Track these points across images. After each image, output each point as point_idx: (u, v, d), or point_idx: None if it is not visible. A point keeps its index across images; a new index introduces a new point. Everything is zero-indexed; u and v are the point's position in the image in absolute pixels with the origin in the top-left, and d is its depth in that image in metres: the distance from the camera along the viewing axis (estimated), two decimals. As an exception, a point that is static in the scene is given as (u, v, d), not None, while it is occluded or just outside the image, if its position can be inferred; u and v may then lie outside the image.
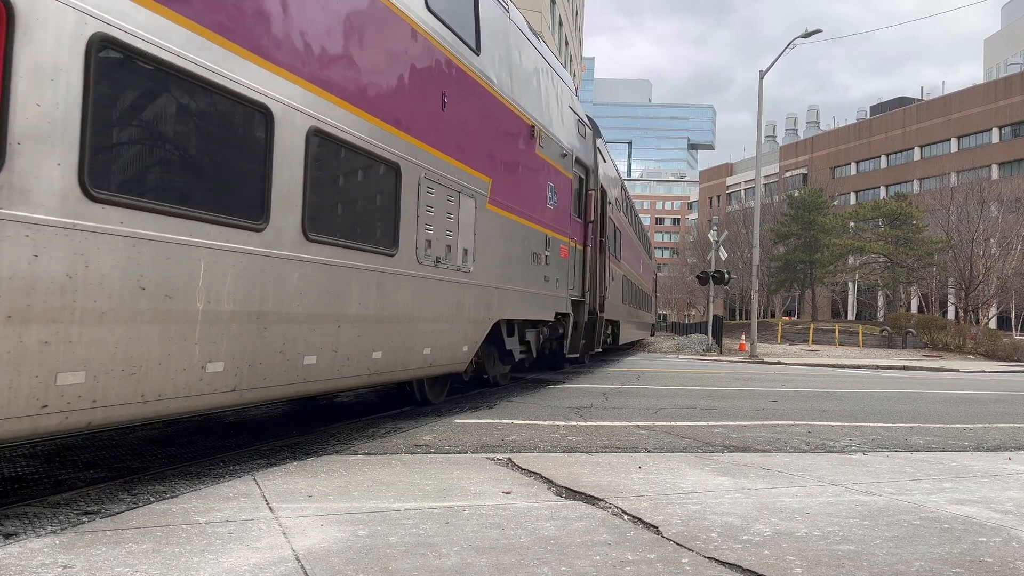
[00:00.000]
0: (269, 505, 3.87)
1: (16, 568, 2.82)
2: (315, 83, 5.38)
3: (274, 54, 4.97)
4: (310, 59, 5.34)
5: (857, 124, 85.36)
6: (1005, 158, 65.99)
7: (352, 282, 5.92)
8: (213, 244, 4.45)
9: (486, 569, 2.96)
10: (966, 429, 8.44)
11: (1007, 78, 71.85)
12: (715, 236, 40.55)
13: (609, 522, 3.74)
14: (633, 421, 8.02)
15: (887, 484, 4.92)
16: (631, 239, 24.47)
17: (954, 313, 54.88)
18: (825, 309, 69.65)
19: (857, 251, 58.89)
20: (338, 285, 5.72)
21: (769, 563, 3.12)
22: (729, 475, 5.06)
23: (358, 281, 6.01)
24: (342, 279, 5.77)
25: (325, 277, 5.54)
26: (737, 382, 15.09)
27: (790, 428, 7.92)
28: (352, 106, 5.85)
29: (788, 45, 29.17)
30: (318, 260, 5.45)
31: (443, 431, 6.77)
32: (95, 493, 4.10)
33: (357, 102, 5.92)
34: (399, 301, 6.71)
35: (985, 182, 57.47)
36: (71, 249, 3.60)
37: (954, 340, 38.63)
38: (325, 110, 5.49)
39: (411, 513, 3.79)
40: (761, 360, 27.31)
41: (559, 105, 11.68)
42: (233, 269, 4.61)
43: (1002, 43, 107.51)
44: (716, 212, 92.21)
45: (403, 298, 6.77)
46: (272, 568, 2.90)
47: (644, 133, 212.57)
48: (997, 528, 3.81)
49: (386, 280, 6.47)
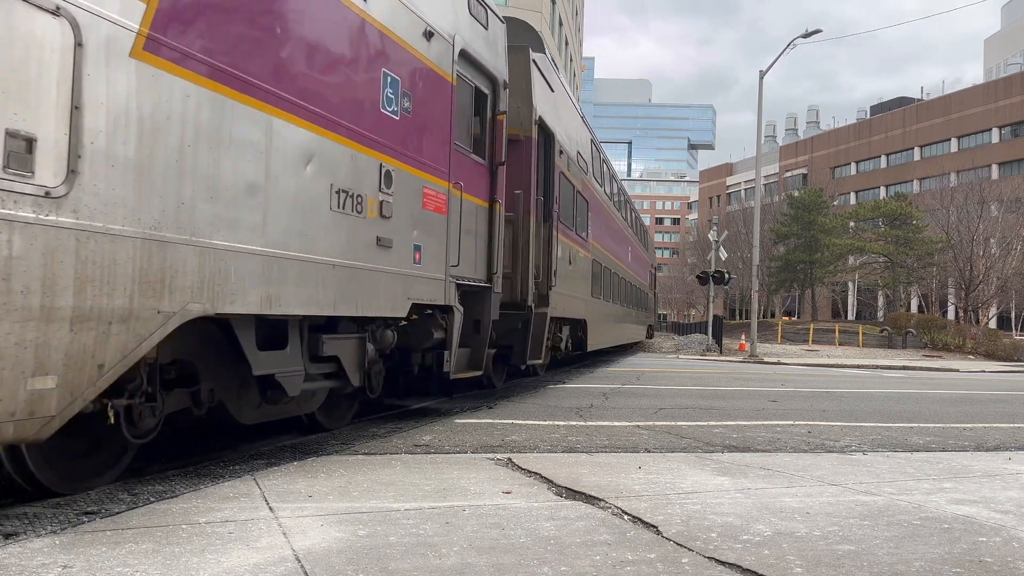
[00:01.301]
0: (269, 505, 3.87)
1: (16, 568, 2.82)
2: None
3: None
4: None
5: (857, 124, 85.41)
6: (1005, 158, 66.01)
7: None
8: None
9: (486, 569, 2.96)
10: (966, 429, 8.44)
11: (1007, 78, 71.91)
12: (715, 236, 40.58)
13: (609, 522, 3.74)
14: (633, 421, 8.02)
15: (887, 484, 4.92)
16: (611, 218, 19.37)
17: (954, 313, 54.90)
18: (825, 309, 69.65)
19: (857, 251, 58.94)
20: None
21: (769, 563, 3.12)
22: (729, 475, 5.06)
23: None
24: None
25: None
26: (737, 382, 15.09)
27: (790, 428, 7.92)
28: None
29: (788, 45, 29.20)
30: None
31: (443, 431, 6.77)
32: (95, 493, 4.10)
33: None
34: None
35: (985, 182, 57.49)
36: None
37: (954, 340, 38.64)
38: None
39: (411, 513, 3.79)
40: (761, 360, 27.31)
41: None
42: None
43: (1002, 43, 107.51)
44: (716, 212, 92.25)
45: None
46: (272, 568, 2.90)
47: (644, 133, 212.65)
48: (997, 528, 3.80)
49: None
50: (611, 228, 19.23)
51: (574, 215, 13.25)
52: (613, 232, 19.67)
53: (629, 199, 25.99)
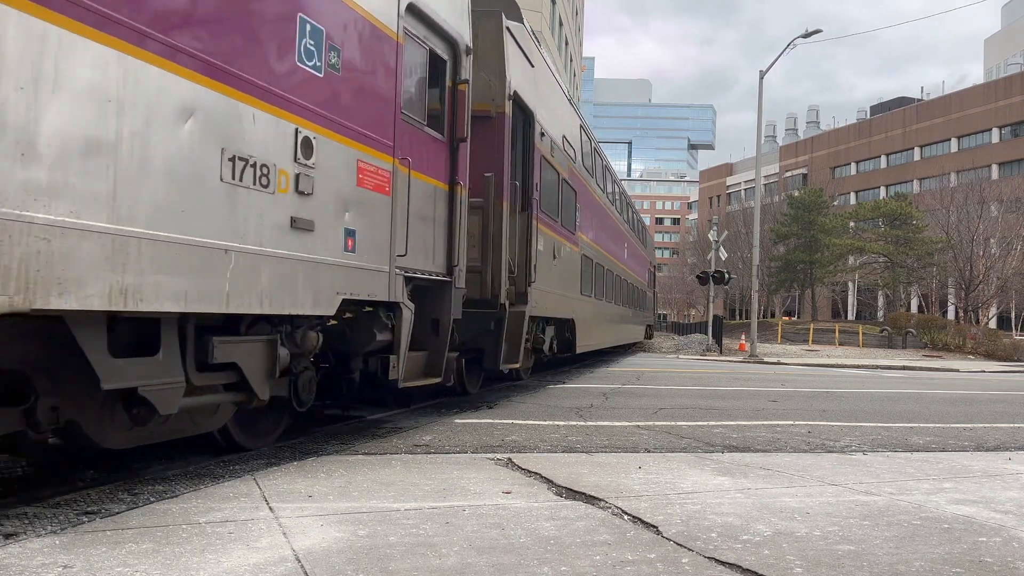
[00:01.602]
0: (269, 505, 3.87)
1: (16, 568, 2.82)
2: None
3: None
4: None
5: (857, 124, 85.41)
6: (1005, 158, 66.03)
7: None
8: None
9: (486, 569, 2.96)
10: (966, 429, 8.44)
11: (1007, 78, 71.92)
12: (715, 236, 40.56)
13: (609, 522, 3.74)
14: (633, 421, 8.01)
15: (887, 484, 4.92)
16: (605, 212, 18.27)
17: (954, 313, 54.90)
18: (825, 309, 69.66)
19: (857, 251, 58.94)
20: None
21: (769, 563, 3.12)
22: (729, 475, 5.06)
23: None
24: None
25: None
26: (737, 382, 15.09)
27: (790, 428, 7.92)
28: None
29: (788, 45, 29.20)
30: None
31: (443, 431, 6.77)
32: (95, 493, 4.10)
33: None
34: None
35: (985, 182, 57.51)
36: None
37: (954, 340, 38.64)
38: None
39: (411, 513, 3.79)
40: (761, 360, 27.31)
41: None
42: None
43: (1002, 43, 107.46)
44: (716, 212, 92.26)
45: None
46: (272, 568, 2.90)
47: (644, 133, 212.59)
48: (997, 528, 3.80)
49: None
50: (605, 222, 17.88)
51: (560, 205, 12.09)
52: (607, 227, 18.39)
53: (625, 193, 24.06)
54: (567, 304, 13.01)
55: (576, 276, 13.92)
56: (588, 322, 15.42)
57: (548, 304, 11.34)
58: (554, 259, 11.70)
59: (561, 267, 12.36)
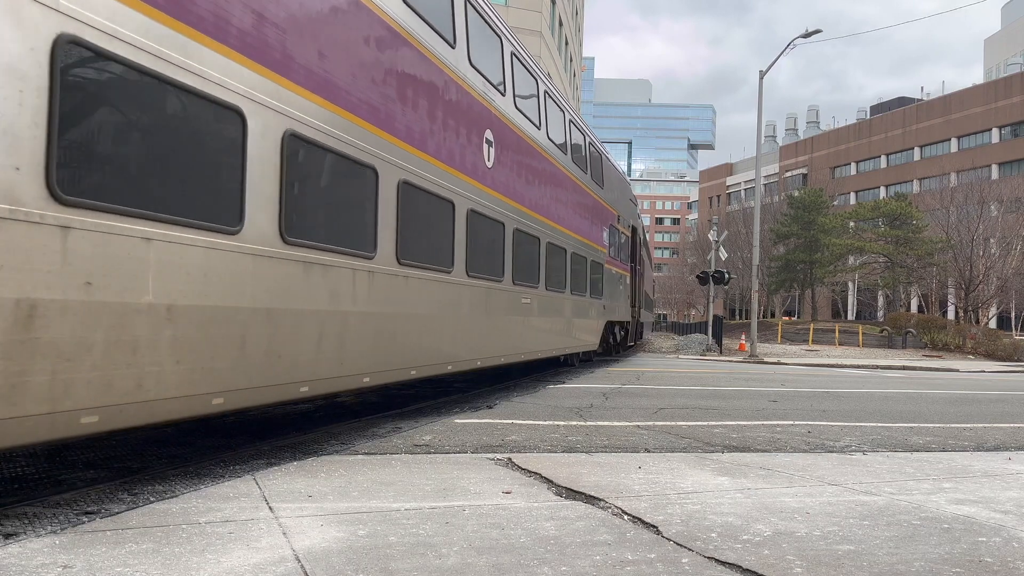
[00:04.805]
0: (269, 505, 3.87)
1: (16, 568, 2.82)
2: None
3: None
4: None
5: (857, 124, 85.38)
6: (1005, 158, 66.02)
7: None
8: None
9: (486, 569, 2.96)
10: (966, 429, 8.44)
11: (1007, 78, 71.88)
12: (715, 236, 40.55)
13: (609, 522, 3.74)
14: (633, 421, 8.01)
15: (887, 484, 4.92)
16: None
17: (954, 313, 54.88)
18: (825, 309, 69.65)
19: (857, 251, 58.89)
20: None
21: (769, 563, 3.12)
22: (729, 475, 5.06)
23: None
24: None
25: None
26: (737, 382, 15.09)
27: (790, 428, 7.92)
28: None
29: (788, 45, 29.17)
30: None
31: (443, 431, 6.77)
32: (95, 493, 4.10)
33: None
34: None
35: (985, 182, 57.48)
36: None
37: (954, 340, 38.62)
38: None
39: (411, 513, 3.79)
40: (761, 360, 27.31)
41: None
42: None
43: (1002, 43, 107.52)
44: (716, 212, 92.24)
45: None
46: (272, 568, 2.90)
47: (644, 133, 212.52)
48: (997, 528, 3.81)
49: None
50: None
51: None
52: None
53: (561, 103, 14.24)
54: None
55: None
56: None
57: None
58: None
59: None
